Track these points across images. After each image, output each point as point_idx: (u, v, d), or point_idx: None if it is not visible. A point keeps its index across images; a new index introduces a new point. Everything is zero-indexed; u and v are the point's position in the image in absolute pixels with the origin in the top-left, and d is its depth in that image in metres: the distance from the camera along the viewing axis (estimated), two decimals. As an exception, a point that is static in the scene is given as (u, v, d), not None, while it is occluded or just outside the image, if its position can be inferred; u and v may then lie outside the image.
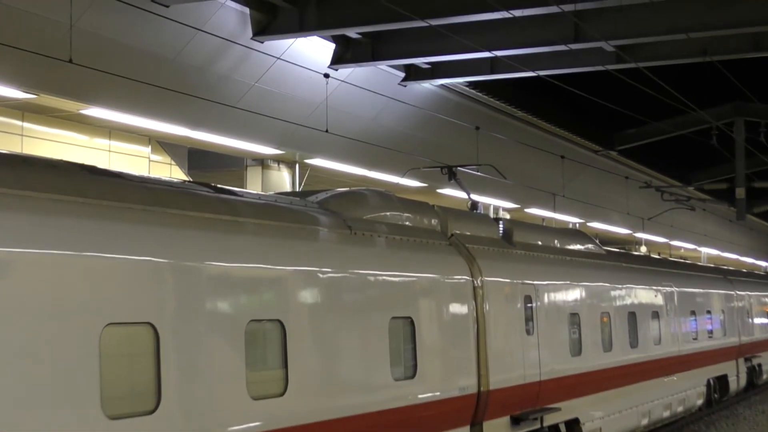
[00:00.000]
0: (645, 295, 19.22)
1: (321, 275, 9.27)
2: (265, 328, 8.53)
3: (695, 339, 22.59)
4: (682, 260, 29.69)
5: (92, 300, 6.85)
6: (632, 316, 18.11)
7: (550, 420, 14.01)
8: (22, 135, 17.10)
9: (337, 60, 18.83)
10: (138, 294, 7.22)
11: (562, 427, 14.57)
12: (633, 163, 34.29)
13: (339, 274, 9.54)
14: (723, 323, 25.53)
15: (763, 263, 57.65)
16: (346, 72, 19.46)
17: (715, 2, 16.34)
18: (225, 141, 18.83)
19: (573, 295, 15.34)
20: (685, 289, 22.28)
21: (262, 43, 17.14)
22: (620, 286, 17.71)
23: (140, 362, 7.24)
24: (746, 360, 27.89)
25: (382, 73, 20.58)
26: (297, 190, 21.59)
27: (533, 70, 19.02)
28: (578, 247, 16.91)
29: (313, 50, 18.52)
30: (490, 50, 17.26)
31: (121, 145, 19.17)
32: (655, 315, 19.67)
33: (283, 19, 16.81)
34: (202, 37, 16.02)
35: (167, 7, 14.71)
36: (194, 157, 21.97)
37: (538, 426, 13.58)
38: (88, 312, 6.80)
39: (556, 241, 15.94)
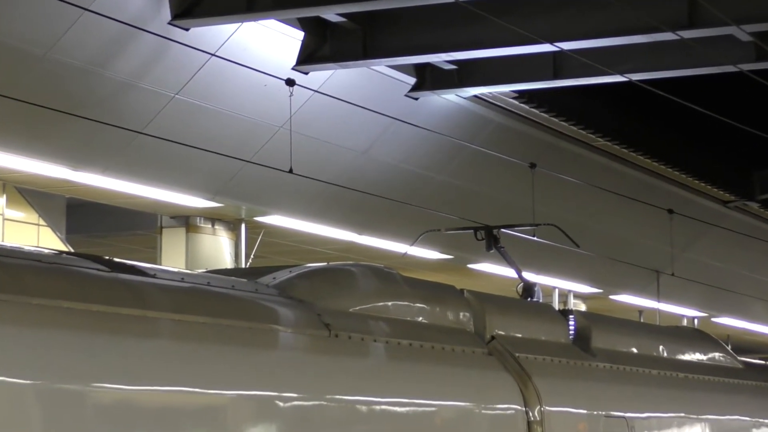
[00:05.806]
0: (808, 434, 19.20)
1: (282, 404, 9.29)
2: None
3: None
4: None
5: None
6: (787, 468, 18.10)
7: None
8: None
9: (308, 58, 18.95)
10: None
11: None
12: (786, 222, 34.35)
13: (311, 402, 9.54)
14: None
15: None
16: (321, 77, 19.57)
17: None
18: (126, 187, 18.87)
19: (690, 434, 15.35)
20: None
21: (188, 30, 17.27)
22: None
23: None
24: None
25: (380, 79, 20.69)
26: (243, 266, 21.59)
27: (621, 73, 19.15)
28: (698, 356, 16.92)
29: (268, 42, 18.65)
30: (552, 42, 17.40)
31: (-42, 194, 19.24)
32: (825, 467, 19.65)
33: (220, -7, 16.99)
34: (91, 21, 16.15)
35: (35, -27, 14.89)
36: (77, 213, 22.02)
37: None
38: None
39: (661, 348, 15.97)
